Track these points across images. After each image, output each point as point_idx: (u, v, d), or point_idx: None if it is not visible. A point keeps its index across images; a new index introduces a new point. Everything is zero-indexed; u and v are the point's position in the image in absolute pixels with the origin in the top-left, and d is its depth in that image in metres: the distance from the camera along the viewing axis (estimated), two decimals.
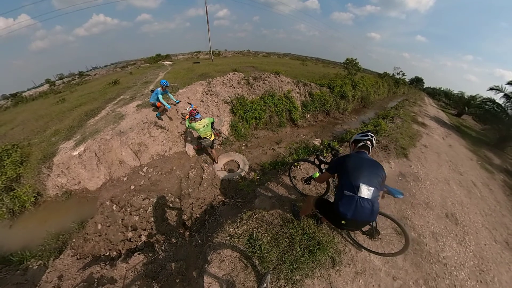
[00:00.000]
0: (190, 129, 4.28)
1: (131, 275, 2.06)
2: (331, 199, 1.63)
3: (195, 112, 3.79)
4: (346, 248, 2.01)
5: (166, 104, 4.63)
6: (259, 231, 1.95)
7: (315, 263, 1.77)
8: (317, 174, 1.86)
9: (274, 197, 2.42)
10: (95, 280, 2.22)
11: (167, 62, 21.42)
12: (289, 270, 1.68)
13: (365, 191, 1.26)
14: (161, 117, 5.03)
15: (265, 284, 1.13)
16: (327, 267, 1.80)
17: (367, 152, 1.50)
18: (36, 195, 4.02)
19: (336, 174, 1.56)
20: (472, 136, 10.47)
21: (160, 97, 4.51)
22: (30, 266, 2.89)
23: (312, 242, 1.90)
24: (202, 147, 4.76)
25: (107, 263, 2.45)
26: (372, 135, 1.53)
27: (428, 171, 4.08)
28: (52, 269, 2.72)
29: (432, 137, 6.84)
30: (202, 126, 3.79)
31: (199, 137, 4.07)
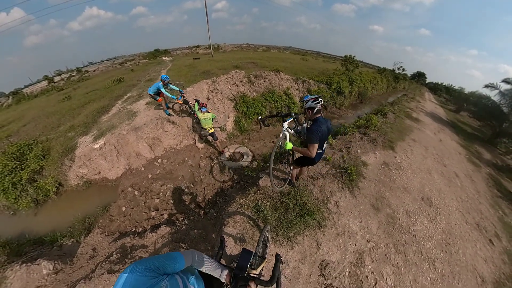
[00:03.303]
0: (196, 118, 4.84)
1: (161, 241, 2.57)
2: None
3: (203, 105, 4.44)
4: (330, 216, 2.54)
5: (170, 95, 4.92)
6: (262, 201, 2.49)
7: (305, 225, 2.31)
8: (290, 145, 1.94)
9: (274, 177, 2.89)
10: (128, 248, 2.71)
11: (166, 58, 21.36)
12: (285, 229, 2.22)
13: (324, 146, 2.06)
14: (171, 113, 5.41)
15: (267, 233, 1.58)
16: (314, 228, 2.33)
17: (321, 115, 1.94)
18: (57, 185, 4.44)
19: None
20: (467, 132, 10.82)
21: (163, 90, 4.80)
22: (64, 243, 3.34)
23: (302, 209, 2.44)
24: (202, 137, 5.39)
25: (135, 236, 2.95)
26: (321, 99, 1.91)
27: (411, 162, 4.53)
28: (85, 244, 3.20)
29: (423, 132, 7.24)
30: (204, 118, 4.47)
31: (201, 127, 4.74)
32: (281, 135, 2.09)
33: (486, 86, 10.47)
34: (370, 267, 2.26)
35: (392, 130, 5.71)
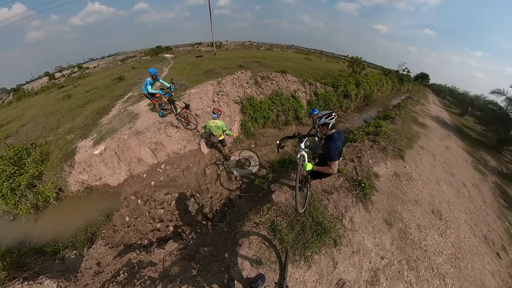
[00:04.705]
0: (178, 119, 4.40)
1: (169, 259, 2.47)
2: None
3: (215, 110, 4.08)
4: (345, 233, 2.48)
5: (159, 91, 4.60)
6: (278, 219, 2.41)
7: (321, 243, 2.26)
8: (310, 166, 1.86)
9: (288, 191, 2.85)
10: (135, 265, 2.60)
11: (168, 55, 20.95)
12: (302, 249, 2.17)
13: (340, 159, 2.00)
14: (164, 115, 5.03)
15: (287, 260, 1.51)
16: (331, 246, 2.28)
17: (335, 130, 1.98)
18: (57, 191, 4.27)
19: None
20: (472, 137, 10.66)
21: (149, 87, 4.50)
22: (66, 255, 3.15)
23: (319, 227, 2.38)
24: (209, 142, 5.12)
25: (141, 250, 2.84)
26: (334, 113, 1.93)
27: (421, 171, 4.45)
28: (88, 258, 3.03)
29: (430, 138, 7.13)
30: (214, 125, 4.17)
31: (211, 134, 4.46)
32: (298, 156, 2.03)
33: (493, 92, 10.33)
34: (384, 285, 2.22)
35: (401, 137, 5.60)
